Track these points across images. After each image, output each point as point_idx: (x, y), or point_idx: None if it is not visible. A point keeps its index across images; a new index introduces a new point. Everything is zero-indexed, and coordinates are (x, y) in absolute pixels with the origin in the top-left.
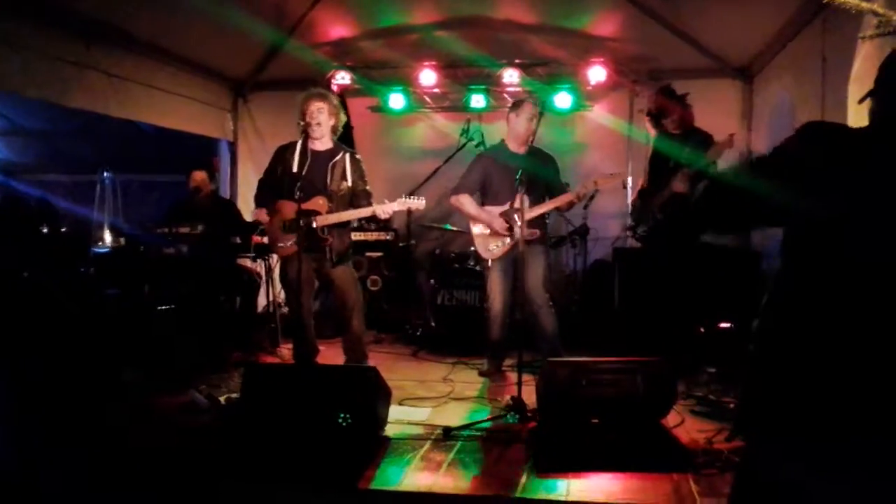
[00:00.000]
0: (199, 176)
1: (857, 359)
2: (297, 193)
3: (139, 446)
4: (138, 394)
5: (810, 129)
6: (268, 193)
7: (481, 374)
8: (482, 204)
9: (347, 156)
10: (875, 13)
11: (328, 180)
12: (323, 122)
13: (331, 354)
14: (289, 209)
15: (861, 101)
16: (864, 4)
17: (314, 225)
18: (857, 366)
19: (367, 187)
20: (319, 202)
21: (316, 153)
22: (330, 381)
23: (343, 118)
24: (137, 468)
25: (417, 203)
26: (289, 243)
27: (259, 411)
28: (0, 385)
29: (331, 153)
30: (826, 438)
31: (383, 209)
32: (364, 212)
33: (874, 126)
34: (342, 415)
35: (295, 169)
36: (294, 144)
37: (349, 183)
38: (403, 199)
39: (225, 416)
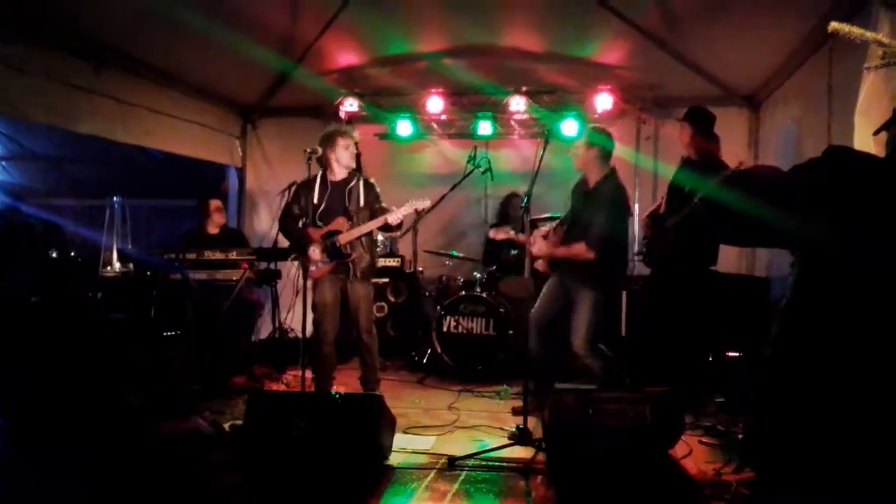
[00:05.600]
0: (217, 203)
1: (868, 408)
2: (319, 222)
3: (142, 472)
4: (142, 419)
5: (836, 156)
6: (293, 225)
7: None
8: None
9: (361, 181)
10: (880, 43)
11: (347, 203)
12: (344, 160)
13: (336, 381)
14: (315, 235)
15: (877, 132)
16: (870, 35)
17: (338, 244)
18: (867, 416)
19: (384, 205)
20: (340, 222)
21: (334, 183)
22: (334, 409)
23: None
24: (139, 494)
25: (423, 203)
26: (319, 265)
27: (262, 439)
28: (4, 407)
29: (346, 181)
30: (833, 487)
31: (394, 215)
32: (378, 221)
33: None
34: (336, 395)
35: (316, 200)
36: (314, 179)
37: (362, 204)
38: (411, 203)
39: (228, 443)
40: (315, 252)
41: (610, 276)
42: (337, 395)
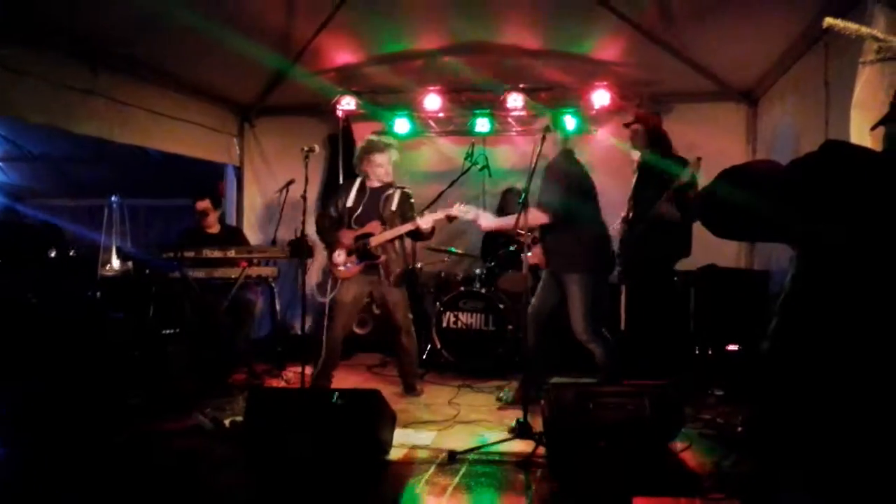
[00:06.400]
0: (202, 205)
1: (865, 399)
2: (354, 225)
3: (142, 470)
4: (142, 417)
5: (832, 151)
6: (328, 226)
7: None
8: None
9: (399, 191)
10: (875, 38)
11: (381, 209)
12: (382, 173)
13: (337, 378)
14: (348, 236)
15: (874, 127)
16: (864, 30)
17: (368, 245)
18: (865, 407)
19: (415, 215)
20: (374, 225)
21: (372, 189)
22: (334, 405)
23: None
24: (140, 492)
25: (454, 211)
26: (348, 265)
27: (262, 435)
28: (5, 409)
29: (384, 188)
30: (832, 478)
31: (425, 220)
32: (409, 226)
33: (892, 151)
34: (336, 392)
35: (350, 203)
36: (352, 183)
37: (393, 209)
38: (442, 209)
39: (228, 439)
40: (341, 255)
41: (592, 255)
42: (337, 392)
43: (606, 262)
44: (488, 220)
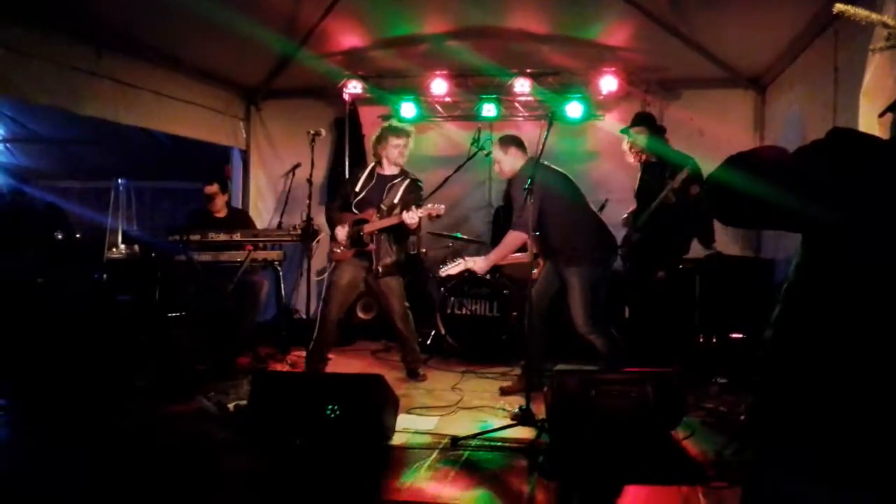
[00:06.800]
0: (211, 189)
1: (869, 391)
2: (355, 210)
3: (147, 452)
4: (148, 400)
5: (839, 138)
6: (333, 209)
7: None
8: None
9: (407, 180)
10: (886, 25)
11: (383, 197)
12: (392, 156)
13: (340, 363)
14: (349, 220)
15: (882, 114)
16: (875, 16)
17: (361, 232)
18: (868, 398)
19: (419, 205)
20: (370, 213)
21: (381, 177)
22: (337, 390)
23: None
24: (144, 474)
25: (437, 209)
26: (342, 249)
27: (266, 419)
28: (11, 390)
29: (393, 177)
30: (834, 468)
31: (409, 216)
32: (393, 219)
33: None
34: (331, 406)
35: (358, 188)
36: (364, 168)
37: (396, 200)
38: (426, 207)
39: (233, 423)
40: (340, 234)
41: (589, 248)
42: (340, 376)
43: (606, 250)
44: (480, 263)
